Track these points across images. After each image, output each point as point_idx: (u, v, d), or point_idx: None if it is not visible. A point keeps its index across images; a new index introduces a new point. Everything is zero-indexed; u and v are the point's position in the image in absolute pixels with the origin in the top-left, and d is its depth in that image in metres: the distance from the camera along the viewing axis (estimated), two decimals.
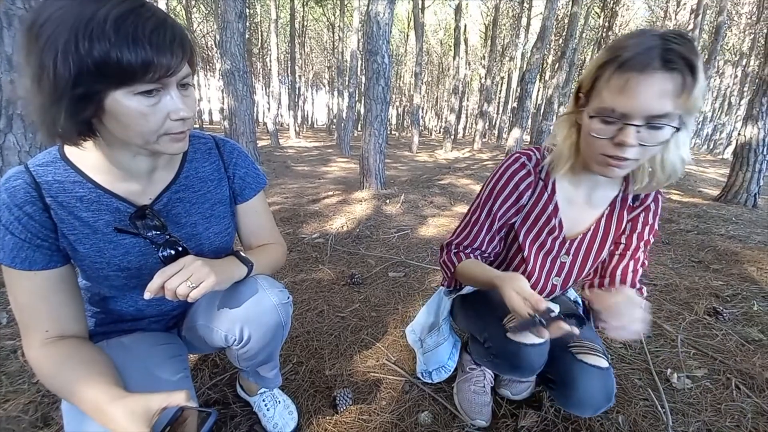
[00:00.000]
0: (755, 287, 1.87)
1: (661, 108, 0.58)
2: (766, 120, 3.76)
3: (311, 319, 1.54)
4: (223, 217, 0.83)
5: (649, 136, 0.61)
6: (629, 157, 0.63)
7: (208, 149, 0.81)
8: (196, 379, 1.16)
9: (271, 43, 9.59)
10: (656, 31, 0.60)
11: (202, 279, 0.61)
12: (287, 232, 2.59)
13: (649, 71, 0.57)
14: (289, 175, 5.49)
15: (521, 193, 0.82)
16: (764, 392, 1.15)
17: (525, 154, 0.83)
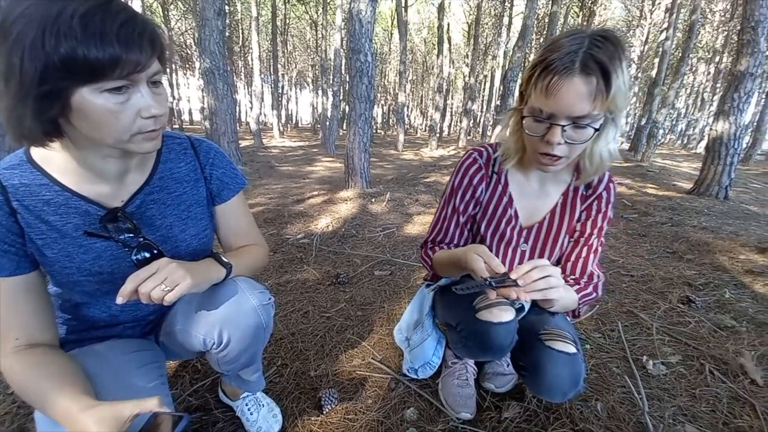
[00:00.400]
0: (727, 276, 1.96)
1: (581, 109, 0.64)
2: (737, 115, 3.92)
3: (296, 320, 1.53)
4: (201, 219, 0.82)
5: (575, 134, 0.67)
6: (557, 154, 0.69)
7: (183, 149, 0.80)
8: (176, 385, 1.13)
9: (253, 41, 9.41)
10: (585, 32, 0.65)
11: (177, 281, 0.60)
12: (271, 233, 2.55)
13: (568, 75, 0.63)
14: (273, 176, 5.42)
15: (476, 187, 0.90)
16: (738, 378, 1.19)
17: (477, 151, 0.90)
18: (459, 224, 0.94)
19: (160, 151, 0.75)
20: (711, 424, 1.02)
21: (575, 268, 0.90)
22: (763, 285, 1.83)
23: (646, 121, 9.09)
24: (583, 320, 1.54)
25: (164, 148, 0.75)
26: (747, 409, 1.07)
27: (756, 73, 3.79)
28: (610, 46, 0.62)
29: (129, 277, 0.58)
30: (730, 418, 1.04)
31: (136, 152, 0.60)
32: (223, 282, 0.74)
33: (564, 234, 0.90)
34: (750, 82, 3.81)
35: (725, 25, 12.03)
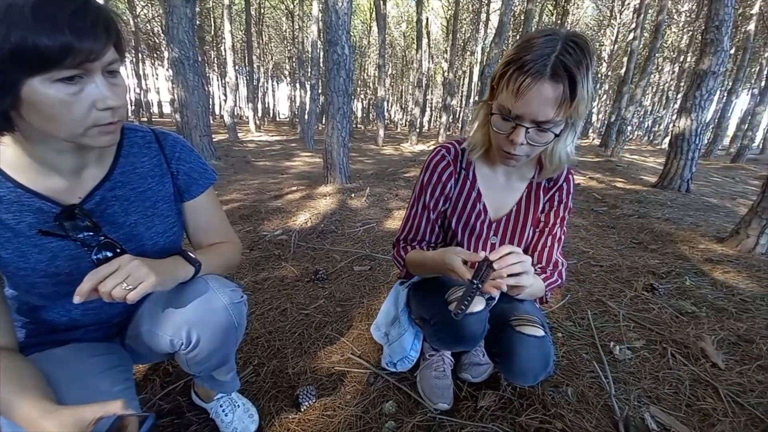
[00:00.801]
0: (687, 264, 2.08)
1: (546, 115, 0.67)
2: (699, 112, 4.13)
3: (273, 318, 1.50)
4: (167, 216, 0.78)
5: (537, 136, 0.71)
6: (519, 153, 0.74)
7: (146, 143, 0.76)
8: (145, 389, 1.09)
9: (225, 30, 9.04)
10: (559, 35, 0.66)
11: (140, 279, 0.57)
12: (247, 230, 2.49)
13: (539, 80, 0.64)
14: (250, 171, 5.28)
15: (444, 183, 0.91)
16: (699, 361, 1.27)
17: (445, 147, 0.92)
18: (430, 221, 0.95)
19: (121, 144, 0.72)
20: (674, 405, 1.08)
21: (541, 257, 0.94)
22: (721, 273, 1.96)
23: (615, 118, 9.47)
24: (555, 309, 1.60)
25: (125, 141, 0.72)
26: (710, 391, 1.13)
27: (718, 72, 3.98)
28: (580, 54, 0.64)
29: (87, 275, 0.55)
30: (693, 400, 1.10)
31: (92, 146, 0.57)
32: (191, 280, 0.71)
33: (530, 225, 0.94)
34: (712, 80, 4.01)
35: (690, 26, 12.65)
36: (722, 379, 1.18)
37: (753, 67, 14.59)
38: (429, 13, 16.87)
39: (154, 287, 0.60)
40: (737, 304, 1.61)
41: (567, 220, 0.95)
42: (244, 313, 0.80)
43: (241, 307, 0.78)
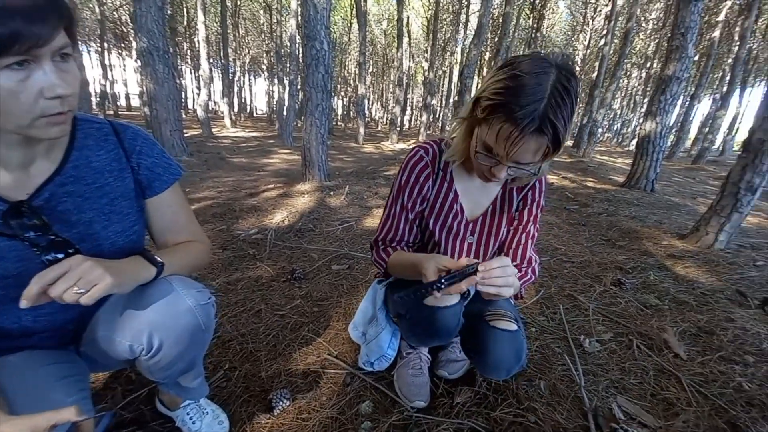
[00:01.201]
0: (652, 259, 2.18)
1: (528, 160, 0.70)
2: (663, 116, 4.34)
3: (246, 320, 1.45)
4: (127, 214, 0.74)
5: (517, 171, 0.75)
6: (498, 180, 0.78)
7: (103, 135, 0.71)
8: (105, 399, 1.02)
9: (199, 21, 8.70)
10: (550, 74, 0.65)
11: (93, 282, 0.53)
12: (220, 229, 2.40)
13: (527, 134, 0.66)
14: (224, 168, 5.11)
15: (422, 184, 0.91)
16: (663, 352, 1.33)
17: (423, 148, 0.92)
18: (408, 221, 0.95)
19: (74, 136, 0.67)
20: (640, 395, 1.13)
21: (516, 254, 0.96)
22: (683, 268, 2.07)
23: (587, 120, 9.85)
24: (529, 305, 1.63)
25: (79, 133, 0.67)
26: (673, 381, 1.19)
27: (682, 77, 4.19)
28: (567, 102, 0.65)
29: (34, 277, 0.51)
30: (657, 389, 1.15)
31: (40, 138, 0.54)
32: (154, 281, 0.67)
33: (504, 224, 0.96)
34: (676, 85, 4.21)
35: (657, 33, 13.32)
36: (684, 369, 1.24)
37: (716, 73, 15.53)
38: (410, 12, 16.91)
39: (110, 290, 0.56)
40: (697, 297, 1.70)
41: (540, 218, 0.98)
42: (212, 315, 0.76)
43: (209, 308, 0.75)
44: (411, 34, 18.13)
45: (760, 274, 1.95)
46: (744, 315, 1.53)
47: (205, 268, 1.87)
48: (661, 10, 13.06)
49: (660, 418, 1.05)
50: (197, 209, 2.81)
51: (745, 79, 13.91)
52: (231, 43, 17.14)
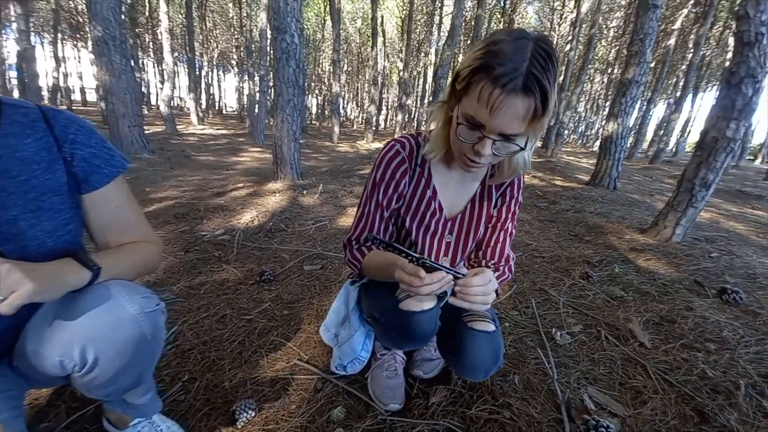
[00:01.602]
0: (616, 253, 2.27)
1: (515, 128, 0.64)
2: (624, 117, 4.57)
3: (210, 326, 1.36)
4: (58, 211, 0.65)
5: (502, 147, 0.68)
6: (482, 162, 0.72)
7: (30, 121, 0.62)
8: (48, 417, 0.91)
9: (161, 11, 8.23)
10: (529, 39, 0.62)
11: (12, 287, 0.47)
12: (182, 230, 2.25)
13: (511, 93, 0.61)
14: (189, 166, 4.85)
15: (398, 181, 0.86)
16: (629, 341, 1.36)
17: (399, 142, 0.86)
18: (383, 219, 0.90)
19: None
20: (609, 385, 1.15)
21: (494, 252, 0.93)
22: (644, 260, 2.16)
23: (554, 122, 10.24)
24: (502, 300, 1.64)
25: (3, 119, 0.59)
26: (639, 369, 1.22)
27: (641, 81, 4.44)
28: (549, 63, 0.61)
29: None
30: (625, 378, 1.18)
31: None
32: (88, 287, 0.59)
33: (483, 222, 0.93)
34: (635, 88, 4.45)
35: (617, 41, 14.07)
36: (650, 357, 1.28)
37: (670, 79, 16.65)
38: (384, 11, 16.90)
39: (31, 297, 0.49)
40: (659, 288, 1.78)
41: (517, 215, 0.96)
42: (161, 323, 0.69)
43: (157, 316, 0.67)
44: (386, 33, 18.13)
45: (715, 265, 2.07)
46: (702, 304, 1.61)
47: (164, 272, 1.74)
48: (622, 18, 13.83)
49: (629, 406, 1.07)
50: (157, 210, 2.63)
51: (698, 85, 15.00)
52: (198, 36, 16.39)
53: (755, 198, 5.29)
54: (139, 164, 4.50)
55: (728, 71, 2.13)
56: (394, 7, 20.05)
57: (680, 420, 1.01)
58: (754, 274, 1.96)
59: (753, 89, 2.02)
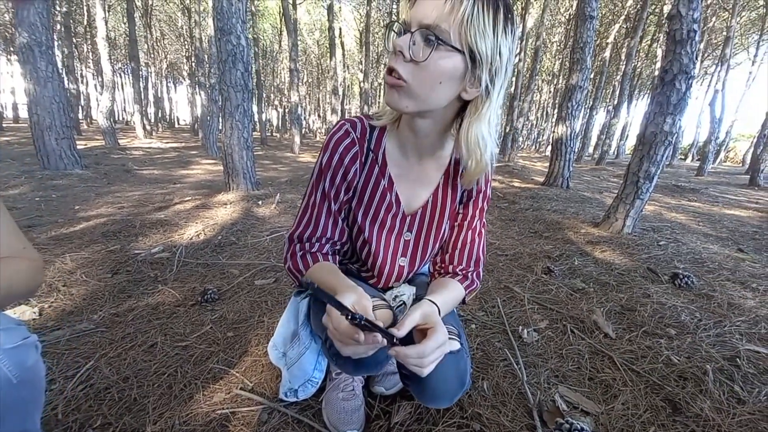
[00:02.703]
0: (574, 247, 2.31)
1: (432, 17, 0.56)
2: (571, 120, 4.86)
3: (134, 359, 1.15)
4: None
5: (420, 50, 0.58)
6: (398, 69, 0.59)
7: None
8: None
9: (98, 17, 7.61)
10: None
11: None
12: (111, 250, 1.97)
13: None
14: (130, 181, 4.42)
15: (347, 167, 0.73)
16: (594, 333, 1.34)
17: (350, 122, 0.74)
18: (331, 213, 0.76)
19: None
20: (579, 381, 1.10)
21: (462, 256, 0.82)
22: (600, 252, 2.21)
23: (509, 129, 10.78)
24: (468, 301, 1.57)
25: None
26: (606, 361, 1.18)
27: (584, 86, 4.76)
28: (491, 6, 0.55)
29: None
30: (594, 372, 1.13)
31: None
32: None
33: (447, 219, 0.81)
34: (579, 93, 4.76)
35: (560, 54, 15.22)
36: (615, 348, 1.25)
37: (608, 88, 18.24)
38: (341, 24, 17.03)
39: None
40: (616, 278, 1.81)
41: (486, 211, 0.85)
42: (32, 360, 0.53)
43: (26, 352, 0.51)
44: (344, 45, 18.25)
45: (664, 252, 2.16)
46: (658, 290, 1.64)
47: (84, 299, 1.49)
48: (563, 33, 15.01)
49: (600, 402, 1.02)
50: (84, 229, 2.31)
51: (632, 93, 16.57)
52: (143, 45, 15.44)
53: (690, 191, 5.80)
54: (69, 180, 4.02)
55: (662, 69, 2.28)
56: (352, 20, 20.31)
57: (653, 412, 0.97)
58: (701, 259, 2.07)
59: (686, 85, 2.17)
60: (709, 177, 9.45)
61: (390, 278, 0.85)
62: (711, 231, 2.97)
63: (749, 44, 14.76)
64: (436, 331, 0.58)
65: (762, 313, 1.47)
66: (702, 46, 12.54)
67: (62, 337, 1.23)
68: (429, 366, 0.56)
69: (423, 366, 0.56)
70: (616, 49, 13.26)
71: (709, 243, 2.54)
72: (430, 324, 0.60)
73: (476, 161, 0.67)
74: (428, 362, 0.56)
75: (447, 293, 0.74)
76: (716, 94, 10.40)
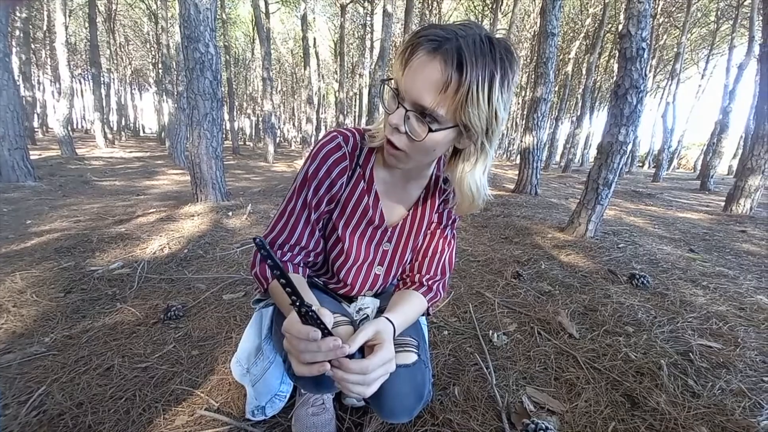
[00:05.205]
0: (541, 251, 2.40)
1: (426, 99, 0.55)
2: (538, 130, 5.10)
3: (89, 383, 1.07)
4: None
5: (416, 126, 0.59)
6: (395, 143, 0.61)
7: None
8: None
9: (57, 21, 7.21)
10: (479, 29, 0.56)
11: None
12: (64, 267, 1.84)
13: (428, 55, 0.54)
14: (88, 193, 4.17)
15: (334, 180, 0.72)
16: (559, 334, 1.39)
17: (342, 134, 0.72)
18: (309, 222, 0.75)
19: None
20: (545, 381, 1.13)
21: (431, 265, 0.82)
22: (565, 255, 2.31)
23: None
24: (441, 308, 1.59)
25: None
26: (571, 361, 1.23)
27: (548, 99, 5.05)
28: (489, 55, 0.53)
29: None
30: (559, 372, 1.17)
31: None
32: None
33: (424, 228, 0.83)
34: (544, 105, 5.02)
35: (526, 68, 15.98)
36: (579, 347, 1.30)
37: (571, 100, 19.35)
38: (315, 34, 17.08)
39: None
40: (580, 280, 1.89)
41: (457, 223, 0.87)
42: None
43: None
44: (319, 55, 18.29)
45: (623, 254, 2.29)
46: (617, 290, 1.73)
47: (34, 321, 1.38)
48: (529, 48, 15.83)
49: (565, 401, 1.05)
50: (36, 245, 2.15)
51: (593, 105, 17.63)
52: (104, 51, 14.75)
53: (647, 196, 6.20)
54: (22, 193, 3.74)
55: (615, 84, 2.44)
56: (326, 30, 20.43)
57: (612, 408, 1.02)
58: (656, 260, 2.20)
59: (637, 98, 2.33)
60: (664, 183, 10.15)
61: (363, 286, 0.85)
62: (665, 233, 3.18)
63: (699, 59, 16.12)
64: (383, 348, 0.58)
65: (713, 310, 1.58)
66: (654, 62, 13.59)
67: (13, 361, 1.14)
68: (373, 384, 0.55)
69: (366, 383, 0.54)
70: (577, 64, 14.13)
71: (664, 244, 2.72)
72: (379, 341, 0.60)
73: (469, 203, 0.69)
74: (371, 380, 0.54)
75: (408, 308, 0.74)
76: (668, 106, 11.25)
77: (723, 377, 1.13)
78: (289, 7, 15.78)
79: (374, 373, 0.55)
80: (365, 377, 0.54)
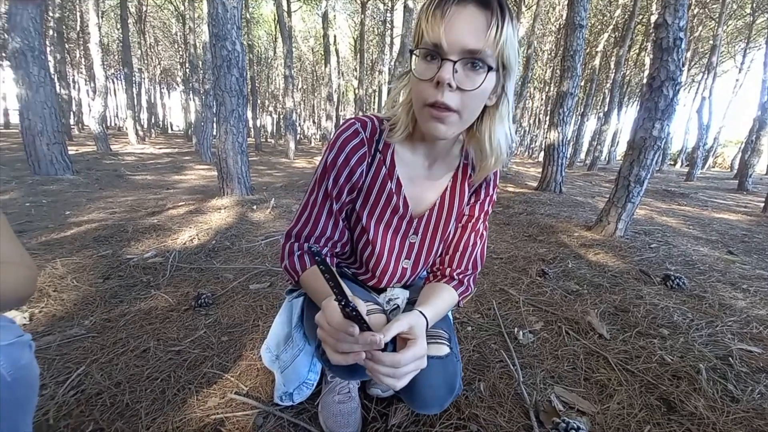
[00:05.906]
0: (567, 250, 2.33)
1: (475, 42, 0.55)
2: (563, 126, 4.94)
3: (126, 364, 1.13)
4: None
5: (466, 78, 0.57)
6: (448, 102, 0.58)
7: None
8: None
9: (91, 23, 7.61)
10: None
11: None
12: (102, 255, 1.95)
13: (463, 3, 0.55)
14: (123, 186, 4.38)
15: (353, 168, 0.71)
16: (588, 334, 1.35)
17: (360, 121, 0.71)
18: (332, 213, 0.74)
19: None
20: (574, 381, 1.10)
21: (462, 259, 0.80)
22: (593, 255, 2.23)
23: None
24: (464, 304, 1.58)
25: None
26: (601, 362, 1.19)
27: (574, 93, 4.87)
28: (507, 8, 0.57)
29: None
30: (589, 373, 1.14)
31: None
32: None
33: (453, 220, 0.81)
34: (570, 99, 4.85)
35: (551, 62, 15.53)
36: (610, 348, 1.26)
37: (598, 96, 18.63)
38: (336, 31, 17.20)
39: None
40: (609, 280, 1.82)
41: (489, 215, 0.85)
42: (27, 359, 0.53)
43: (18, 350, 0.51)
44: (339, 53, 18.42)
45: (656, 255, 2.19)
46: (650, 291, 1.66)
47: (75, 305, 1.46)
48: (553, 42, 15.34)
49: (596, 402, 1.02)
50: (75, 234, 2.28)
51: (621, 100, 16.92)
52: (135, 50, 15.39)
53: (680, 196, 5.91)
54: (60, 186, 3.97)
55: (650, 76, 2.33)
56: (346, 27, 20.52)
57: (647, 411, 0.98)
58: (692, 261, 2.10)
59: (673, 91, 2.22)
60: (699, 182, 9.64)
61: (392, 279, 0.84)
62: (701, 234, 3.02)
63: (736, 52, 15.19)
64: (416, 344, 0.57)
65: (753, 314, 1.50)
66: (689, 54, 12.89)
67: (53, 343, 1.20)
68: (404, 378, 0.55)
69: (397, 377, 0.54)
70: (605, 58, 13.58)
71: (700, 246, 2.58)
72: (412, 336, 0.59)
73: (497, 157, 0.70)
74: (402, 373, 0.55)
75: (440, 302, 0.73)
76: (703, 101, 10.66)
77: (763, 382, 1.07)
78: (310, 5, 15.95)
79: (406, 367, 0.55)
80: (396, 371, 0.54)
